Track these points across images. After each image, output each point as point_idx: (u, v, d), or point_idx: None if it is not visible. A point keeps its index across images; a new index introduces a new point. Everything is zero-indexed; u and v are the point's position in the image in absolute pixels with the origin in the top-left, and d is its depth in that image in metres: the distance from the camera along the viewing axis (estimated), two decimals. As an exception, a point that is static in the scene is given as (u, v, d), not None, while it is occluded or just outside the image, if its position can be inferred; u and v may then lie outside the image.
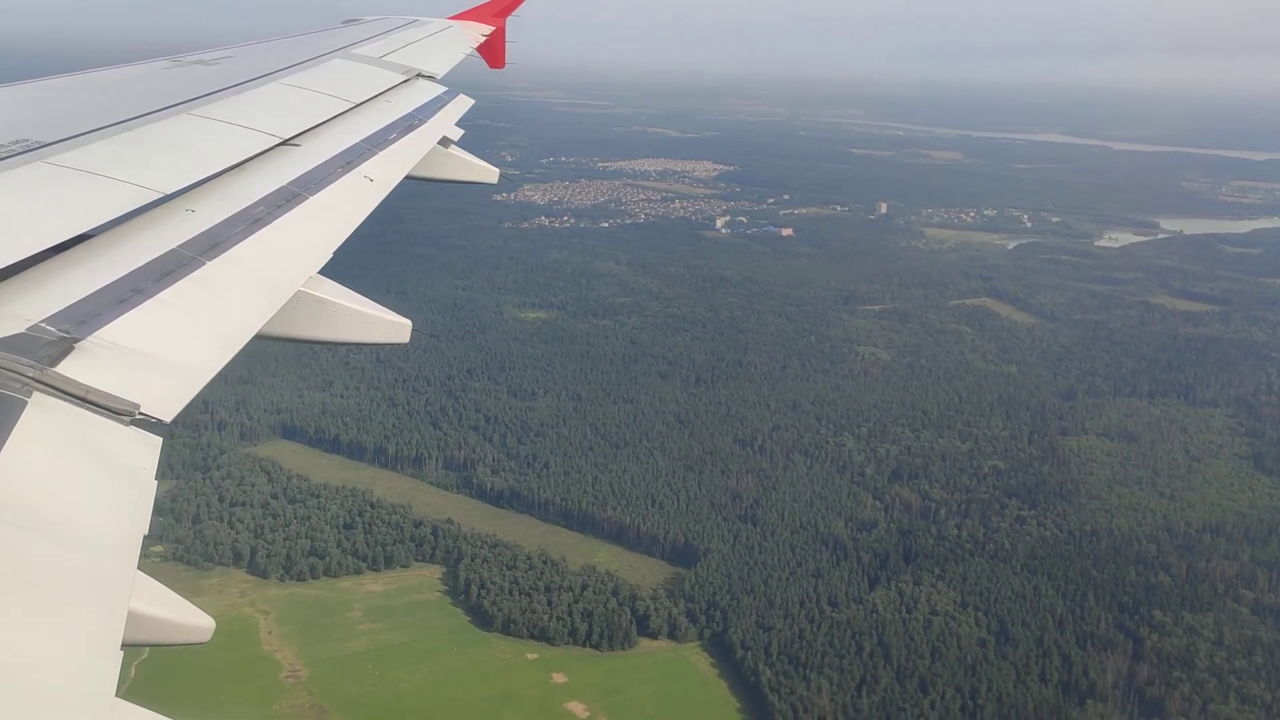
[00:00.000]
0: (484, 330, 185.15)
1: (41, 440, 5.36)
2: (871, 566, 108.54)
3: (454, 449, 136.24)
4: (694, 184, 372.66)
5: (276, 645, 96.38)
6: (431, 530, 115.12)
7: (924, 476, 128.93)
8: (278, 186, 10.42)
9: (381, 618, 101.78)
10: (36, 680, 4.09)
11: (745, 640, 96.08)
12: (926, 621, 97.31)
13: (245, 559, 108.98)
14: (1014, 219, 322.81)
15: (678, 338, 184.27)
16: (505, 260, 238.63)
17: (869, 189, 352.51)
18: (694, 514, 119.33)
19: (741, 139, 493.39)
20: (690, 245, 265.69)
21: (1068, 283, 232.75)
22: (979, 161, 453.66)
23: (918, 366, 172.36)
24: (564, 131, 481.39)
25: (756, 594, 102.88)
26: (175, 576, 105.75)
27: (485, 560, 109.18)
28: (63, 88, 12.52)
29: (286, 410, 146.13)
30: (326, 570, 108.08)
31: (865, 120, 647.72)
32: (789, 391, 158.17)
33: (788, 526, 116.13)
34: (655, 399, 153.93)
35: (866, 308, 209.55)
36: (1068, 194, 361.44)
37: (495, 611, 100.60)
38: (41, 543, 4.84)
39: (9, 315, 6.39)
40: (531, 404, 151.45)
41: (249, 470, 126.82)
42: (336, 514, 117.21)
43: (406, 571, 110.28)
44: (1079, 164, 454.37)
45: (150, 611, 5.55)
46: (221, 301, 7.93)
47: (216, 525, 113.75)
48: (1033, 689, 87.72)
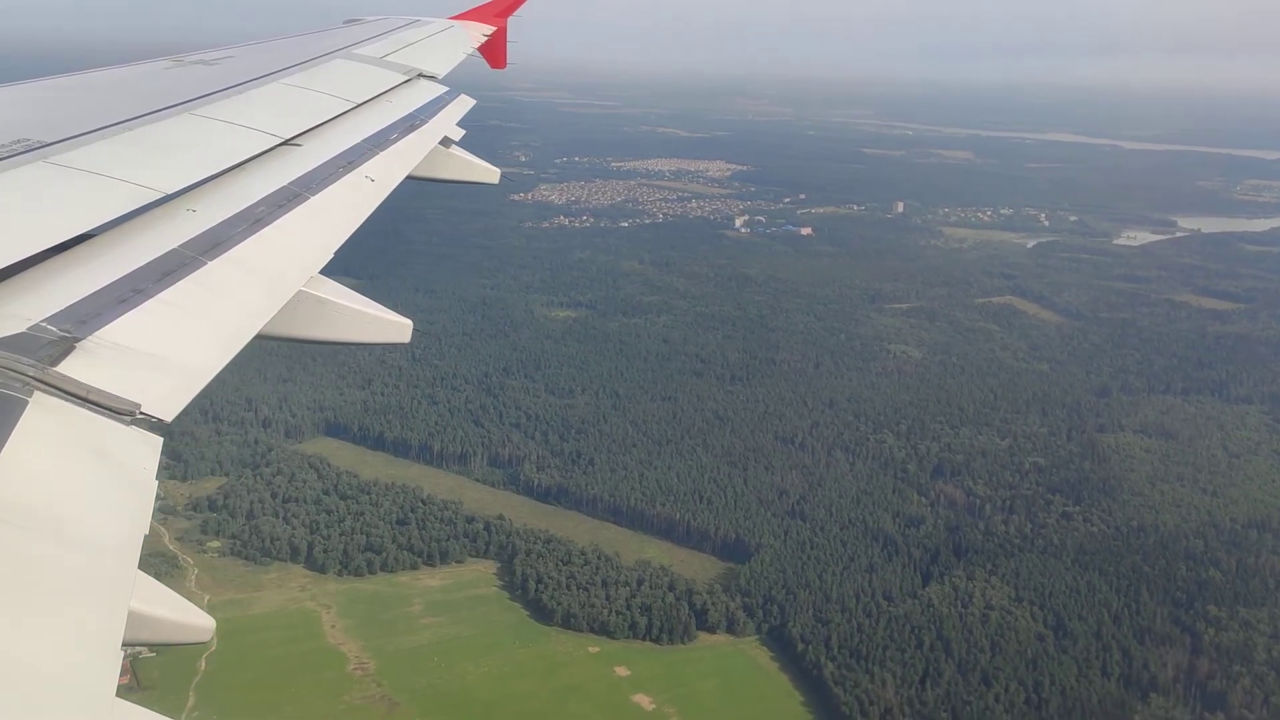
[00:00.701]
0: (516, 329, 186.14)
1: (42, 440, 5.35)
2: (922, 562, 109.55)
3: (498, 446, 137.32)
4: (709, 184, 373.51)
5: (341, 638, 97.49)
6: (484, 526, 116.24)
7: (966, 473, 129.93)
8: (279, 186, 10.44)
9: (442, 612, 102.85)
10: (36, 680, 4.10)
11: (805, 634, 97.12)
12: (983, 616, 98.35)
13: (302, 554, 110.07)
14: (1031, 218, 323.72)
15: (709, 336, 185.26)
16: (530, 260, 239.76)
17: (884, 188, 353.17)
18: (742, 510, 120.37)
19: (752, 139, 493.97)
20: (711, 244, 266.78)
21: (1091, 281, 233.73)
22: (991, 161, 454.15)
23: (949, 364, 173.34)
24: (574, 132, 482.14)
25: (812, 588, 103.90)
26: (234, 571, 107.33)
27: (540, 555, 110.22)
28: (64, 88, 12.54)
29: (329, 408, 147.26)
30: (383, 565, 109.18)
31: (874, 120, 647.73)
32: (824, 389, 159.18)
33: (836, 522, 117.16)
34: (693, 396, 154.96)
35: (893, 306, 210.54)
36: (1083, 193, 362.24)
37: (555, 606, 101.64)
38: (42, 542, 4.81)
39: (10, 315, 6.36)
40: (570, 402, 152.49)
41: (299, 467, 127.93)
42: (389, 510, 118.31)
43: (461, 567, 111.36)
44: (1091, 163, 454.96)
45: (150, 611, 5.44)
46: (222, 301, 7.92)
47: (272, 521, 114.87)
48: (1095, 683, 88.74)
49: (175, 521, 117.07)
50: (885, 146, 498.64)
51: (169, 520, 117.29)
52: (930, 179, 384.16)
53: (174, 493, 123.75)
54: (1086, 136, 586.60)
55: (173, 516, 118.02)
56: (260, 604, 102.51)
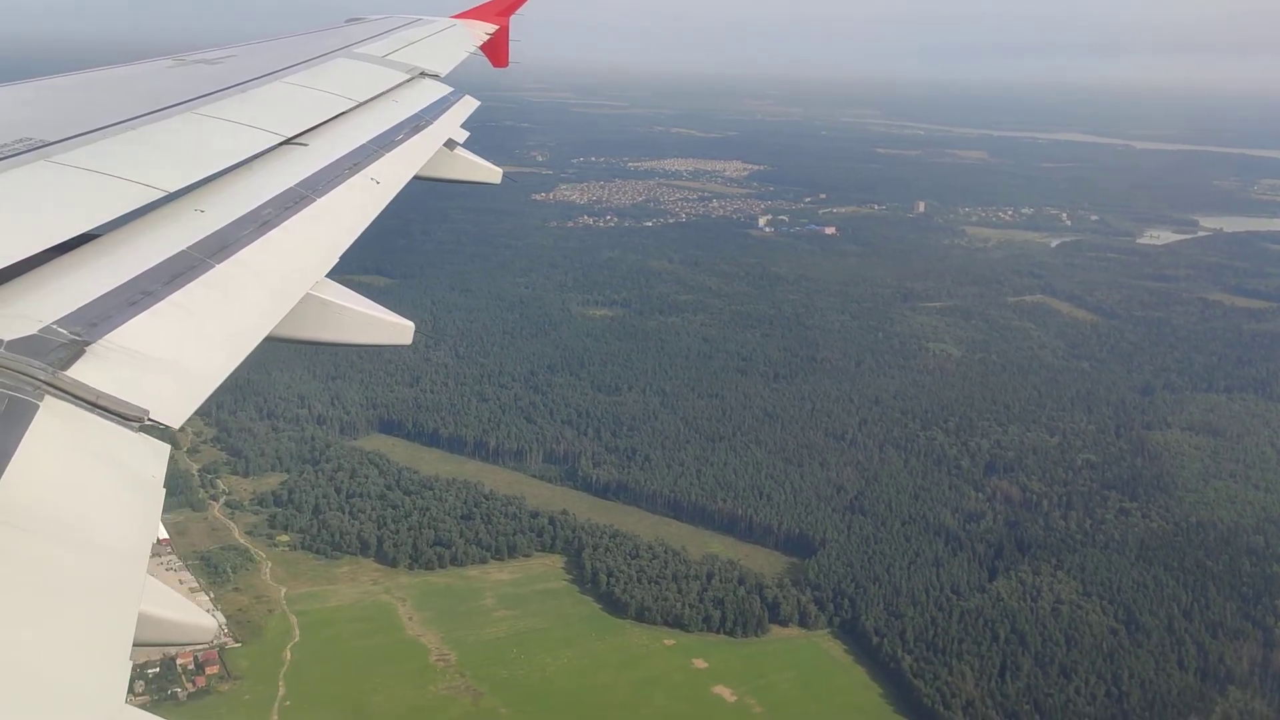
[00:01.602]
0: (555, 327, 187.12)
1: (53, 445, 5.37)
2: (986, 557, 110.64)
3: (552, 443, 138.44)
4: (727, 184, 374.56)
5: (419, 630, 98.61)
6: (548, 521, 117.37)
7: (1019, 469, 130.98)
8: (286, 188, 10.44)
9: (515, 605, 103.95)
10: (46, 685, 4.13)
11: (879, 627, 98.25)
12: (1053, 610, 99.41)
13: (373, 548, 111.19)
14: (1052, 217, 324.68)
15: (747, 334, 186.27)
16: (560, 259, 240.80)
17: (903, 188, 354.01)
18: (802, 505, 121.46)
19: (765, 139, 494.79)
20: (738, 244, 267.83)
21: (1120, 280, 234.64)
22: (1005, 160, 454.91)
23: (990, 362, 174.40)
24: (587, 132, 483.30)
25: (881, 582, 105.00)
26: (306, 565, 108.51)
27: (607, 550, 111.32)
28: (66, 87, 12.55)
29: (381, 405, 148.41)
30: (453, 559, 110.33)
31: (883, 120, 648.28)
32: (869, 387, 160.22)
33: (897, 517, 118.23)
34: (739, 394, 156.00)
35: (927, 305, 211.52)
36: (1101, 192, 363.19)
37: (628, 599, 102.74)
38: (53, 548, 4.84)
39: (21, 316, 6.37)
40: (619, 399, 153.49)
41: (359, 463, 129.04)
42: (453, 505, 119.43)
43: (529, 561, 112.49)
44: (1105, 163, 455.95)
45: (155, 613, 5.46)
46: (231, 305, 7.93)
47: (339, 516, 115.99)
48: (1174, 676, 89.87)
49: (242, 516, 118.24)
50: (898, 146, 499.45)
51: (236, 515, 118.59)
52: (947, 179, 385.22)
53: (237, 488, 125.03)
54: (1097, 136, 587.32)
55: (239, 511, 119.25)
56: (336, 597, 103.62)
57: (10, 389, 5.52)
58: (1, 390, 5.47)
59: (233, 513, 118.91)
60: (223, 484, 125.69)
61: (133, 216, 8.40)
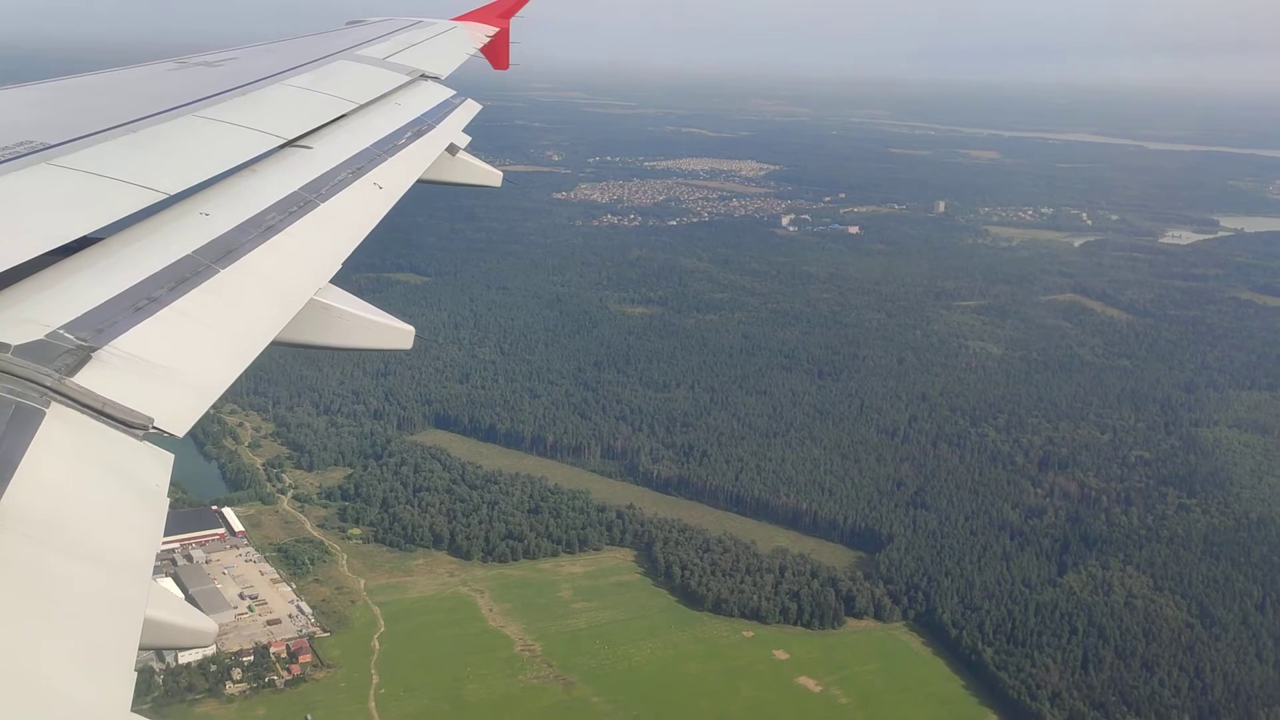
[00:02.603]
0: (595, 325, 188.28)
1: (58, 453, 5.36)
2: (1053, 551, 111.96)
3: (609, 439, 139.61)
4: (745, 183, 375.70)
5: (501, 621, 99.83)
6: (616, 515, 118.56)
7: (1074, 465, 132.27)
8: (289, 192, 10.41)
9: (592, 597, 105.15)
10: (51, 693, 4.12)
11: (956, 620, 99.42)
12: (1126, 604, 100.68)
13: (445, 541, 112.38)
14: (1073, 217, 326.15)
15: (786, 332, 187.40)
16: (590, 257, 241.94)
17: (920, 188, 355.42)
18: (865, 500, 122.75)
19: (777, 138, 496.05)
20: (764, 242, 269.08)
21: (1149, 279, 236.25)
22: (1018, 161, 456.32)
23: (1031, 360, 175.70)
24: (600, 131, 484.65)
25: (953, 576, 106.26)
26: (381, 557, 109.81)
27: (678, 543, 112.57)
28: (67, 90, 12.47)
29: (436, 400, 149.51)
30: (525, 552, 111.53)
31: (892, 120, 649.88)
32: (914, 384, 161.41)
33: (960, 512, 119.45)
34: (787, 391, 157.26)
35: (960, 304, 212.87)
36: (1119, 192, 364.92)
37: (704, 591, 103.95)
38: (58, 557, 4.82)
39: (27, 320, 6.32)
40: (669, 395, 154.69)
41: (421, 458, 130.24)
42: (520, 499, 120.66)
43: (600, 554, 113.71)
44: (1120, 163, 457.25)
45: (159, 617, 5.48)
46: (236, 312, 7.91)
47: (409, 510, 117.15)
48: (1254, 669, 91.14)
49: (312, 509, 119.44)
50: (910, 146, 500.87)
51: (306, 508, 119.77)
52: (964, 178, 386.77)
53: (303, 482, 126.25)
54: (1108, 137, 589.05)
55: (309, 505, 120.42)
56: (415, 588, 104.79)
57: (17, 395, 5.52)
58: (9, 396, 5.48)
59: (302, 506, 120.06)
60: (288, 478, 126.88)
61: (134, 219, 8.36)
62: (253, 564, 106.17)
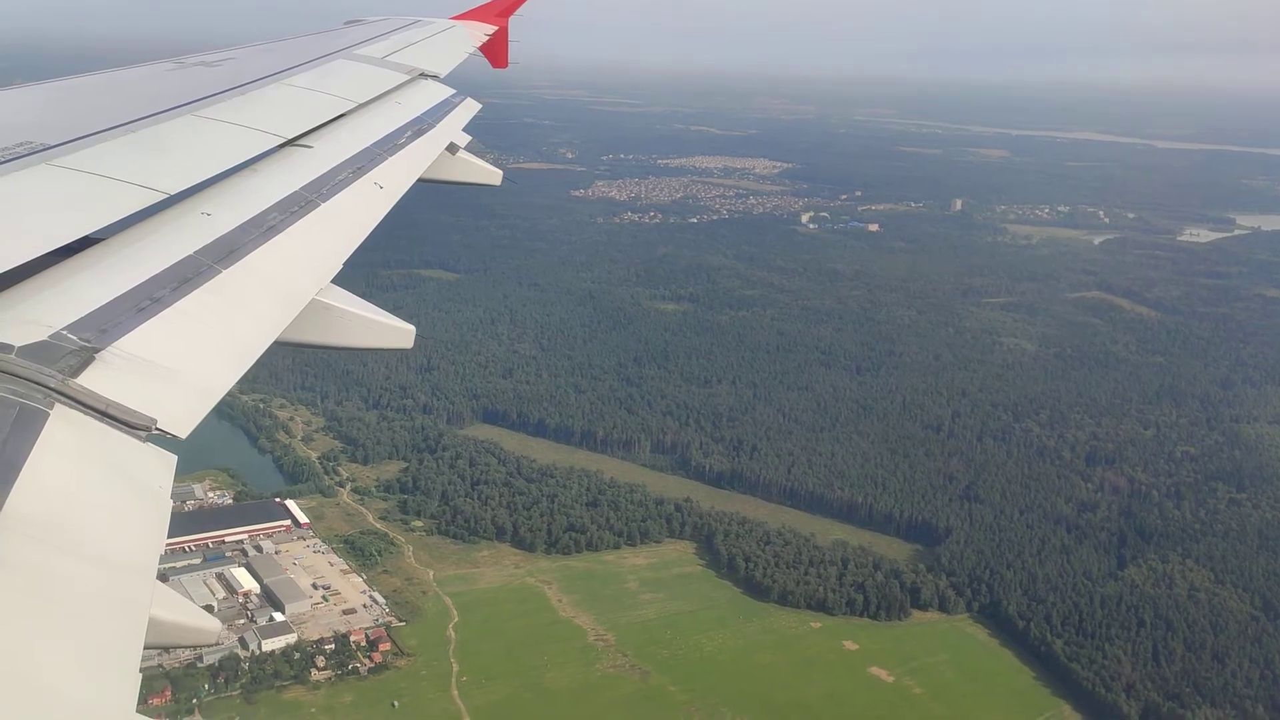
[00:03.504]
0: (630, 321, 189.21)
1: (62, 454, 5.37)
2: (1110, 545, 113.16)
3: (658, 433, 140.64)
4: (759, 181, 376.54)
5: (572, 612, 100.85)
6: (674, 508, 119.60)
7: (1121, 460, 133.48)
8: (290, 191, 10.41)
9: (658, 589, 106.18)
10: (55, 694, 4.14)
11: (1023, 612, 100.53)
12: (1190, 597, 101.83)
13: (508, 533, 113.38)
14: (1089, 215, 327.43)
15: (820, 329, 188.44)
16: (616, 254, 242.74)
17: (935, 186, 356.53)
18: (918, 494, 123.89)
19: (786, 137, 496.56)
20: (786, 240, 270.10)
21: (1173, 277, 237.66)
22: (1028, 159, 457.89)
23: (1065, 357, 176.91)
24: (610, 129, 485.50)
25: (1015, 569, 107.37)
26: (447, 549, 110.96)
27: (738, 536, 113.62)
28: (66, 90, 12.48)
29: (483, 395, 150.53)
30: (588, 545, 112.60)
31: (898, 119, 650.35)
32: (952, 380, 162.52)
33: (1014, 506, 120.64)
34: (828, 387, 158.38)
35: (988, 301, 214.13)
36: (1132, 191, 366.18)
37: (769, 583, 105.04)
38: (62, 558, 4.83)
39: (30, 321, 6.33)
40: (712, 391, 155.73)
41: (476, 452, 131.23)
42: (579, 493, 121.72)
43: (660, 546, 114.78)
44: (1130, 161, 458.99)
45: (162, 616, 5.49)
46: (238, 313, 7.93)
47: (470, 502, 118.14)
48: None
49: (372, 502, 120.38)
50: (919, 145, 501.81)
51: (366, 501, 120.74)
52: (977, 177, 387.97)
53: (360, 475, 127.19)
54: (1115, 135, 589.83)
55: (368, 497, 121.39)
56: (483, 579, 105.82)
57: (22, 396, 5.53)
58: (13, 398, 5.49)
59: (361, 499, 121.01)
60: (344, 471, 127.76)
61: (135, 219, 8.36)
62: (321, 555, 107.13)
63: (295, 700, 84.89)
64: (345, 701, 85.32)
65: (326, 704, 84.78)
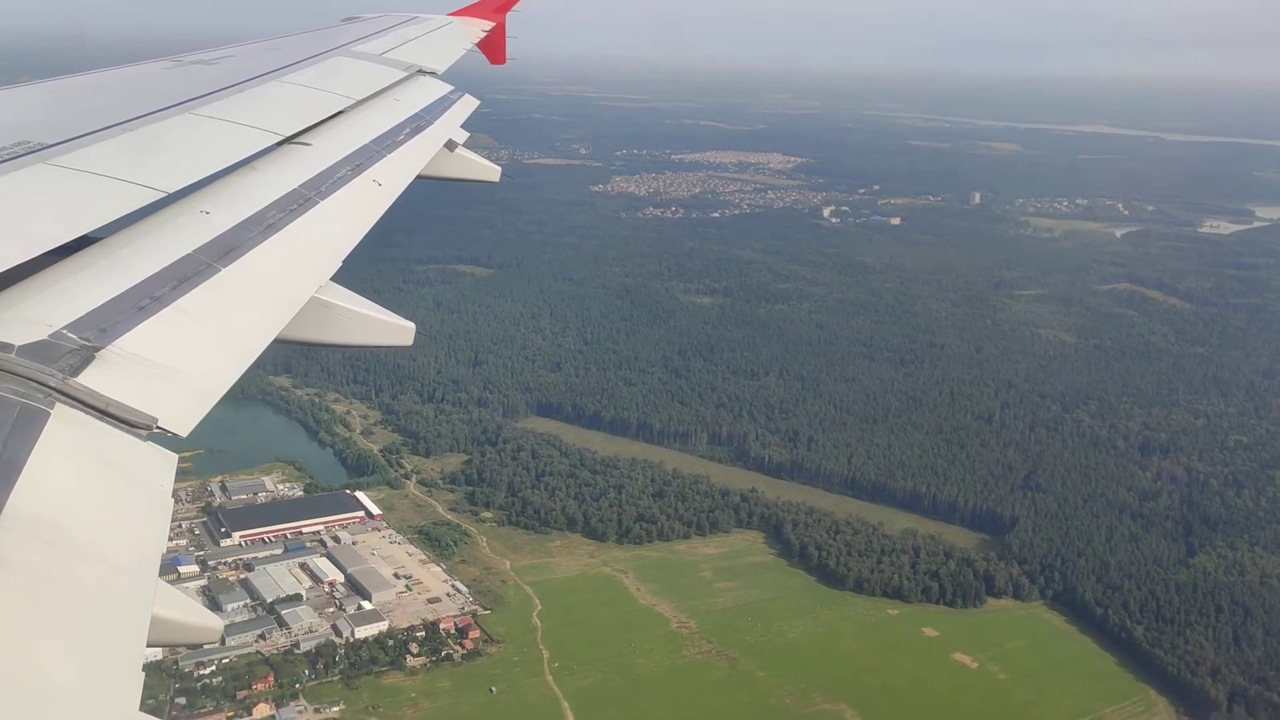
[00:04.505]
0: (670, 315, 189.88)
1: (63, 453, 5.36)
2: (1177, 533, 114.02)
3: (714, 425, 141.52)
4: (775, 175, 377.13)
5: (651, 600, 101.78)
6: (741, 498, 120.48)
7: (1175, 450, 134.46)
8: (289, 189, 10.39)
9: (733, 577, 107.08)
10: (58, 694, 4.13)
11: (1099, 599, 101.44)
12: (1263, 583, 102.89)
13: (579, 523, 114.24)
14: (1109, 208, 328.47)
15: (858, 321, 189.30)
16: (645, 248, 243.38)
17: (950, 180, 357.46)
18: (979, 483, 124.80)
19: (795, 132, 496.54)
20: (811, 234, 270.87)
21: (1201, 268, 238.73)
22: (1040, 152, 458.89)
23: (1106, 348, 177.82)
24: (620, 125, 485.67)
25: (1086, 556, 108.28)
26: (520, 539, 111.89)
27: (807, 525, 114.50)
28: (63, 89, 12.47)
29: (535, 389, 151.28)
30: (659, 534, 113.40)
31: (906, 113, 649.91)
32: (996, 372, 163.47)
33: (1076, 495, 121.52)
34: (874, 379, 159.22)
35: (1020, 293, 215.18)
36: (1148, 183, 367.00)
37: (845, 571, 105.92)
38: (63, 558, 4.83)
39: (30, 320, 6.32)
40: (760, 383, 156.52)
41: (537, 444, 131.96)
42: (644, 484, 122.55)
43: (729, 536, 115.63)
44: (1141, 155, 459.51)
45: (165, 615, 5.48)
46: (238, 311, 7.91)
47: (538, 494, 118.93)
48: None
49: (439, 494, 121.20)
50: (930, 139, 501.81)
51: (433, 492, 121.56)
52: (991, 170, 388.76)
53: (424, 468, 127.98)
54: (1122, 128, 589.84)
55: (435, 489, 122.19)
56: (560, 569, 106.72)
57: (23, 396, 5.53)
58: (14, 397, 5.49)
59: (429, 490, 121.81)
60: (407, 463, 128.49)
61: (133, 218, 8.34)
62: (397, 545, 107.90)
63: (394, 685, 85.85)
64: (443, 686, 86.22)
65: (425, 689, 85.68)
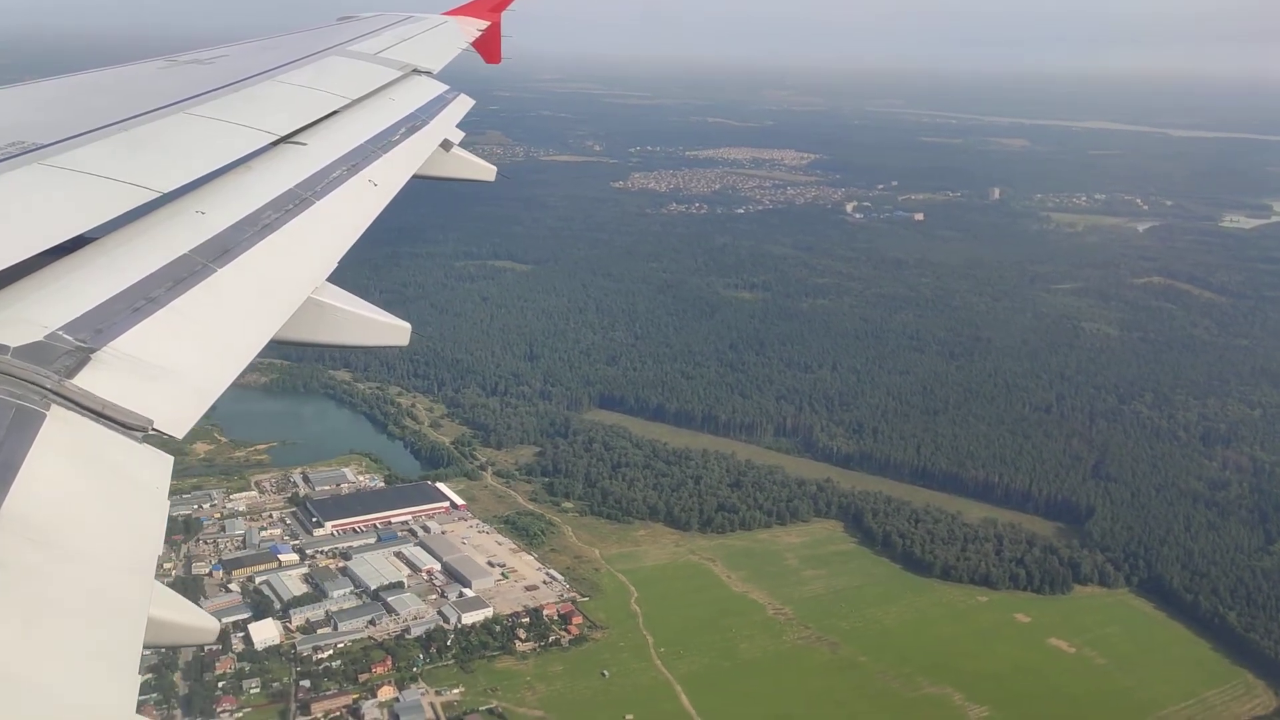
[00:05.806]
0: (714, 310, 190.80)
1: (59, 455, 5.35)
2: (1254, 521, 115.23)
3: (778, 417, 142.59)
4: (792, 171, 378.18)
5: (743, 587, 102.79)
6: (817, 488, 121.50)
7: (1236, 439, 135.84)
8: (285, 189, 10.36)
9: (818, 565, 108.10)
10: (54, 696, 4.13)
11: (1187, 585, 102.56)
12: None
13: (661, 513, 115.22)
14: (1127, 203, 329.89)
15: (901, 315, 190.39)
16: (677, 244, 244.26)
17: (966, 175, 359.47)
18: (1049, 472, 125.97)
19: (804, 128, 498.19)
20: (837, 230, 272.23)
21: (1230, 262, 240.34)
22: (1050, 148, 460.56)
23: (1150, 341, 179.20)
24: (630, 122, 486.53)
25: (1168, 544, 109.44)
26: (604, 529, 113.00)
27: (887, 514, 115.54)
28: (58, 90, 12.42)
29: (596, 382, 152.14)
30: (741, 524, 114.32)
31: (911, 109, 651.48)
32: (1047, 364, 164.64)
33: (1148, 485, 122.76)
34: (927, 371, 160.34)
35: (1056, 287, 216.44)
36: (1163, 178, 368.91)
37: (931, 559, 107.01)
38: (60, 560, 4.80)
39: (25, 321, 6.31)
40: (815, 376, 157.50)
41: (608, 436, 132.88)
42: (720, 474, 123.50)
43: (809, 525, 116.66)
44: (1151, 150, 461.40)
45: (162, 616, 5.48)
46: (233, 312, 7.90)
47: (617, 484, 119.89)
48: None
49: (517, 485, 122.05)
50: (939, 135, 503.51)
51: (511, 484, 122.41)
52: (1005, 165, 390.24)
53: (498, 459, 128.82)
54: (1129, 124, 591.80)
55: (513, 481, 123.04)
56: (648, 557, 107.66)
57: (18, 398, 5.51)
58: (9, 399, 5.47)
59: (507, 481, 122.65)
60: (480, 455, 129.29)
61: (129, 218, 8.30)
62: (486, 535, 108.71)
63: (508, 670, 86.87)
64: (556, 670, 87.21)
65: (539, 673, 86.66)
